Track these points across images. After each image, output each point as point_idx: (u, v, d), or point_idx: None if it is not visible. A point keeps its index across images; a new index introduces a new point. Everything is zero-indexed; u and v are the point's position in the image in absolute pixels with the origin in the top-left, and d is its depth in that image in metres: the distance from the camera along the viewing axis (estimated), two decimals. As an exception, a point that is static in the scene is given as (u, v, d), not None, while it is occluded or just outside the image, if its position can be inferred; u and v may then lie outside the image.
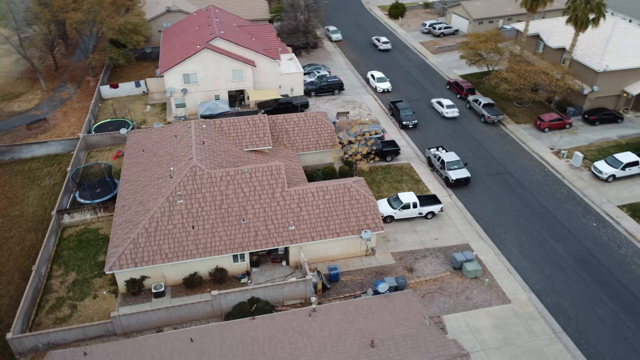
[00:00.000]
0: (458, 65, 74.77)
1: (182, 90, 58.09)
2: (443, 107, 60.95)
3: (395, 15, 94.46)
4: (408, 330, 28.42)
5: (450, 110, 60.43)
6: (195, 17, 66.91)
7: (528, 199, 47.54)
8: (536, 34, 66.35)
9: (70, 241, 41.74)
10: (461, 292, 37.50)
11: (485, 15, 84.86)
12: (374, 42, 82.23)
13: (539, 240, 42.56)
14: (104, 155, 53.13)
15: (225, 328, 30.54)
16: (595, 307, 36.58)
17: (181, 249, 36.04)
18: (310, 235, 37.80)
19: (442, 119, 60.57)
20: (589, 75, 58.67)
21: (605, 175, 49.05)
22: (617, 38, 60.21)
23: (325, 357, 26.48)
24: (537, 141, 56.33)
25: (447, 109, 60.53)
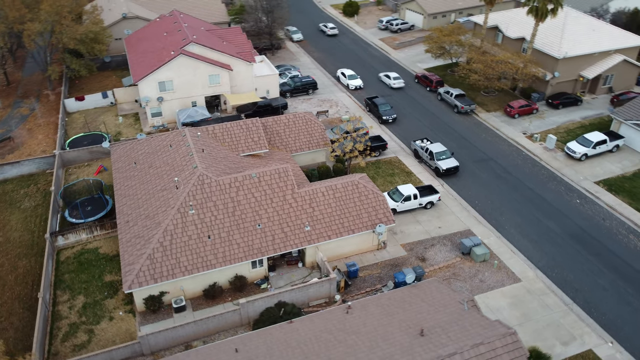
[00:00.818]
0: (421, 59, 77.11)
1: (158, 98, 56.29)
2: (390, 79, 68.37)
3: (350, 13, 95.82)
4: (450, 316, 29.37)
5: (397, 81, 68.05)
6: (159, 23, 64.91)
7: (513, 182, 50.05)
8: (495, 25, 69.69)
9: (69, 264, 39.57)
10: (474, 275, 39.06)
11: (439, 10, 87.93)
12: (321, 28, 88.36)
13: (532, 220, 44.99)
14: (83, 171, 50.59)
15: (266, 334, 30.22)
16: (595, 277, 39.24)
17: (200, 260, 35.17)
18: (327, 234, 38.02)
19: (420, 114, 62.33)
20: (550, 62, 62.43)
21: (578, 154, 52.49)
22: (570, 27, 64.43)
23: (380, 351, 26.89)
24: (509, 127, 59.30)
25: (394, 80, 68.13)
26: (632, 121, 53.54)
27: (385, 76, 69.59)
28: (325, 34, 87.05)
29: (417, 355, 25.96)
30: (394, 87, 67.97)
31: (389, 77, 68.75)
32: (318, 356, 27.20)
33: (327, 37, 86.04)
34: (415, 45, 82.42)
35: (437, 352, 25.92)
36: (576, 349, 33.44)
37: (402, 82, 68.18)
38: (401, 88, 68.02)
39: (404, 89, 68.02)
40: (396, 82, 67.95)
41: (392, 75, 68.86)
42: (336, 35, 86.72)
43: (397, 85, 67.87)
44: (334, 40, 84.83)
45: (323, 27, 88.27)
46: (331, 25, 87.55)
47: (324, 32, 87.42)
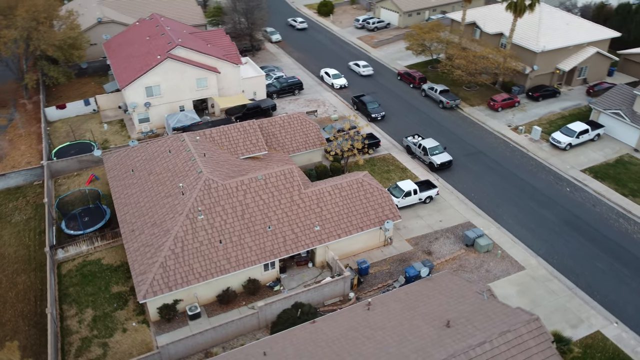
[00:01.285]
0: (401, 57, 78.19)
1: (146, 104, 55.18)
2: (360, 67, 71.82)
3: (325, 13, 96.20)
4: (471, 307, 30.08)
5: (366, 69, 71.51)
6: (139, 27, 63.58)
7: (505, 173, 51.47)
8: (472, 22, 71.36)
9: (72, 277, 38.41)
10: (480, 266, 40.03)
11: (414, 8, 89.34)
12: (290, 23, 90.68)
13: (528, 210, 46.40)
14: (73, 181, 49.12)
15: (291, 336, 30.23)
16: (593, 261, 40.84)
17: (213, 266, 34.79)
18: (337, 233, 38.22)
19: (407, 110, 63.21)
20: (529, 56, 64.42)
21: (563, 144, 54.41)
22: (545, 21, 66.63)
23: (410, 344, 27.29)
24: (494, 120, 60.90)
25: (363, 68, 71.63)
26: (611, 110, 55.83)
27: (354, 64, 73.01)
28: (295, 28, 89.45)
29: (448, 346, 26.50)
30: (363, 74, 71.45)
31: (359, 66, 72.17)
32: (349, 354, 27.40)
33: (306, 37, 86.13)
34: (394, 43, 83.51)
35: (467, 342, 26.53)
36: (585, 331, 34.77)
37: (370, 70, 71.58)
38: (370, 75, 71.52)
39: (385, 85, 68.85)
40: (365, 70, 71.34)
41: (361, 63, 72.33)
42: (306, 29, 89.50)
43: (366, 73, 71.32)
44: (313, 40, 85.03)
45: (292, 22, 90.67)
46: (300, 20, 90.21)
47: (294, 26, 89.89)
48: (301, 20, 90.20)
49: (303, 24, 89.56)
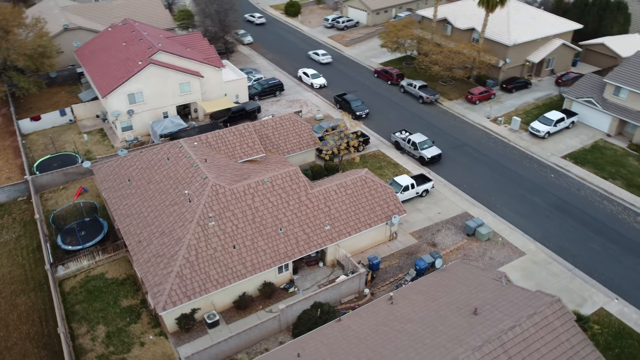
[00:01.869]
0: (374, 55, 79.27)
1: (129, 111, 53.67)
2: (319, 56, 75.86)
3: (292, 13, 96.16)
4: (492, 293, 31.06)
5: (325, 57, 75.59)
6: (113, 33, 61.69)
7: (491, 163, 53.23)
8: (443, 18, 73.22)
9: (77, 294, 37.03)
10: (483, 254, 41.33)
11: (382, 6, 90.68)
12: (248, 18, 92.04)
13: (518, 197, 48.20)
14: (61, 195, 47.24)
15: (320, 335, 30.33)
16: (587, 242, 42.93)
17: (229, 271, 34.38)
18: (347, 231, 38.54)
19: (388, 107, 64.16)
20: (501, 50, 66.74)
21: (542, 133, 56.77)
22: (513, 16, 69.22)
23: (443, 334, 27.93)
24: (473, 113, 62.79)
25: (322, 56, 75.68)
26: (583, 99, 58.69)
27: (314, 53, 76.88)
28: (254, 23, 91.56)
29: (481, 333, 27.30)
30: (322, 62, 75.61)
31: (318, 54, 76.20)
32: (386, 348, 27.78)
33: (277, 38, 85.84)
34: (365, 41, 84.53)
35: (498, 327, 27.41)
36: (590, 309, 36.56)
37: (329, 58, 75.89)
38: (329, 63, 75.88)
39: (363, 82, 69.71)
40: (324, 58, 75.62)
41: (320, 52, 76.46)
42: (264, 24, 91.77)
43: (325, 61, 75.56)
44: (284, 41, 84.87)
45: (250, 18, 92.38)
46: (258, 15, 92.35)
47: (252, 22, 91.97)
48: (259, 16, 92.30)
49: (261, 19, 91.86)
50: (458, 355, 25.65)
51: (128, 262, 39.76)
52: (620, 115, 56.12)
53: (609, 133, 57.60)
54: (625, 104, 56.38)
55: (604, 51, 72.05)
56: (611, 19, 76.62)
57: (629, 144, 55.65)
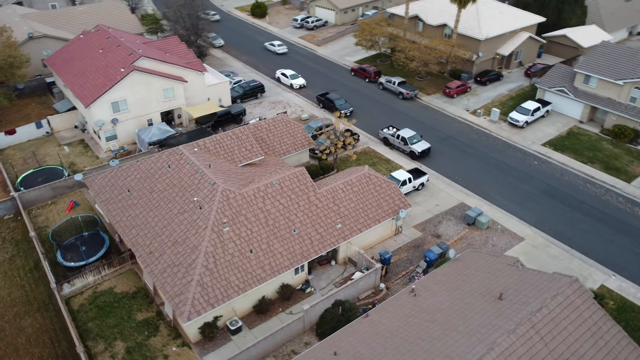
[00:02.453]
0: (347, 53, 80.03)
1: (113, 120, 52.05)
2: (275, 47, 79.54)
3: (259, 14, 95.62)
4: (511, 278, 32.26)
5: (281, 47, 79.38)
6: (86, 40, 59.54)
7: (478, 154, 54.99)
8: (415, 15, 74.81)
9: (87, 311, 35.74)
10: (485, 242, 42.75)
11: (349, 5, 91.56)
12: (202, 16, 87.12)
13: (509, 185, 50.06)
14: (51, 211, 45.35)
15: (350, 332, 30.64)
16: (578, 224, 45.15)
17: (249, 276, 34.12)
18: (357, 228, 38.97)
19: (370, 104, 64.97)
20: (473, 44, 68.92)
21: (521, 122, 59.13)
22: (482, 11, 71.58)
23: (475, 321, 28.80)
24: (453, 106, 64.59)
25: (278, 47, 79.43)
26: (556, 88, 61.53)
27: (270, 45, 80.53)
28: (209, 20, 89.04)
29: (511, 316, 28.35)
30: (278, 52, 79.12)
31: (274, 45, 79.86)
32: (422, 339, 28.39)
33: (248, 40, 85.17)
34: (336, 40, 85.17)
35: (526, 310, 28.56)
36: (592, 286, 38.52)
37: (285, 48, 79.54)
38: (285, 53, 79.36)
39: (340, 80, 70.37)
40: (280, 49, 79.26)
41: (275, 43, 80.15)
42: (219, 21, 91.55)
43: (281, 51, 79.12)
44: (256, 43, 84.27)
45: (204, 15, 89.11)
46: (212, 12, 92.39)
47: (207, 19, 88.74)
48: (214, 13, 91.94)
49: (216, 16, 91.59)
50: (495, 339, 26.58)
51: (136, 274, 38.71)
52: (591, 103, 59.17)
53: (582, 120, 60.64)
54: (595, 91, 59.50)
55: (566, 42, 75.61)
56: (569, 11, 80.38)
57: (601, 129, 58.79)
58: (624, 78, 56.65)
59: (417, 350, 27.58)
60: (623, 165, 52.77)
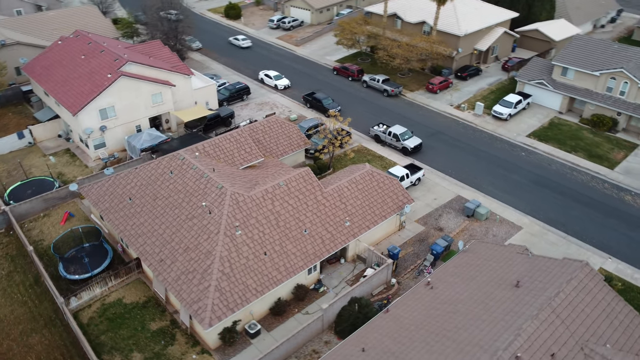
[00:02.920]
0: (326, 52, 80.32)
1: (101, 127, 50.71)
2: (239, 41, 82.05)
3: (234, 16, 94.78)
4: (523, 266, 33.24)
5: (245, 42, 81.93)
6: (65, 46, 57.68)
7: (467, 148, 56.26)
8: (393, 13, 75.78)
9: (97, 324, 34.81)
10: (486, 232, 43.86)
11: (325, 4, 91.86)
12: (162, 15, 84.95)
13: (500, 176, 51.46)
14: (44, 223, 43.88)
15: (373, 328, 30.97)
16: (569, 210, 46.86)
17: (265, 279, 33.98)
18: (365, 225, 39.32)
19: (355, 102, 65.42)
20: (453, 40, 70.38)
21: (505, 115, 60.83)
22: (459, 8, 73.17)
23: (497, 308, 29.54)
24: (437, 102, 65.82)
25: (242, 41, 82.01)
26: (535, 81, 63.57)
27: (234, 39, 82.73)
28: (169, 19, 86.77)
29: (531, 302, 29.26)
30: (243, 46, 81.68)
31: (238, 40, 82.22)
32: (447, 330, 28.95)
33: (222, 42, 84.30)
34: (315, 39, 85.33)
35: (545, 295, 29.54)
36: (591, 270, 40.09)
37: (249, 42, 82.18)
38: (249, 47, 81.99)
39: (324, 80, 70.66)
40: (244, 43, 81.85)
41: (239, 37, 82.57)
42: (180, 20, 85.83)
43: (245, 45, 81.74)
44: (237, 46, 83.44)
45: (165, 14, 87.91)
46: (174, 12, 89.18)
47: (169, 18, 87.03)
48: (175, 12, 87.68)
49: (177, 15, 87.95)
50: (520, 325, 27.41)
51: (143, 283, 37.92)
52: (569, 94, 61.42)
53: (561, 110, 62.85)
54: (572, 82, 61.79)
55: (538, 36, 78.14)
56: (539, 6, 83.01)
57: (580, 118, 61.10)
58: (600, 69, 59.05)
59: (445, 341, 28.14)
60: (604, 153, 55.04)
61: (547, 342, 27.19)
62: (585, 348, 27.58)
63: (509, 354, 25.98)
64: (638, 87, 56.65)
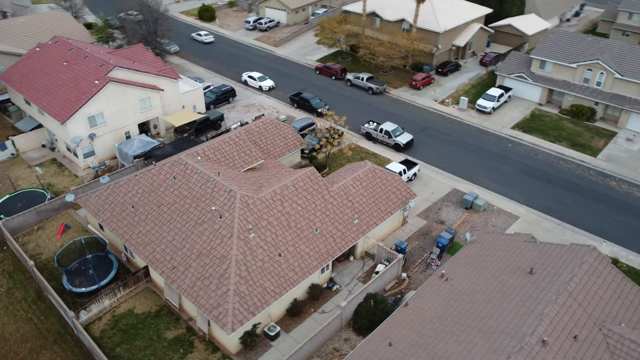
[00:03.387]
0: (306, 52, 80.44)
1: (90, 135, 49.34)
2: (202, 36, 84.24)
3: (208, 18, 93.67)
4: (532, 253, 34.24)
5: (207, 37, 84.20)
6: (44, 53, 55.75)
7: (456, 142, 57.45)
8: (372, 11, 76.53)
9: (110, 337, 33.92)
10: (485, 223, 44.95)
11: (300, 4, 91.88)
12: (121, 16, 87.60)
13: (492, 168, 52.78)
14: (40, 237, 42.39)
15: (395, 323, 31.33)
16: (560, 198, 48.51)
17: (282, 280, 33.88)
18: (373, 222, 39.69)
19: (341, 101, 65.80)
20: (433, 37, 71.65)
21: (489, 109, 62.40)
22: (436, 5, 74.56)
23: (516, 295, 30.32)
24: (421, 98, 66.90)
25: (204, 36, 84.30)
26: (515, 74, 65.46)
27: (197, 35, 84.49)
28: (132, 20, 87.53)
29: (548, 288, 30.22)
30: (205, 42, 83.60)
31: (200, 35, 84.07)
32: (471, 319, 29.55)
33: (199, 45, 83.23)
34: (293, 40, 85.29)
35: (560, 280, 30.56)
36: (589, 254, 41.64)
37: (211, 37, 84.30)
38: (212, 42, 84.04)
39: (307, 80, 70.80)
40: (207, 38, 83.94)
41: (202, 33, 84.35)
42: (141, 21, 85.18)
43: (208, 40, 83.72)
44: (212, 47, 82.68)
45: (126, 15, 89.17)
46: (135, 13, 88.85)
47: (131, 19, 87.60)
48: (135, 14, 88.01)
49: (138, 16, 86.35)
50: (542, 310, 28.30)
51: (153, 292, 37.17)
52: (548, 86, 63.53)
53: (541, 102, 64.93)
54: (550, 75, 63.95)
55: (512, 31, 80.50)
56: (510, 2, 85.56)
57: (560, 109, 63.29)
58: (577, 61, 61.31)
59: (470, 331, 28.78)
60: (586, 142, 57.22)
61: (568, 325, 28.15)
62: (602, 328, 28.71)
63: (535, 338, 26.79)
64: (614, 77, 59.15)
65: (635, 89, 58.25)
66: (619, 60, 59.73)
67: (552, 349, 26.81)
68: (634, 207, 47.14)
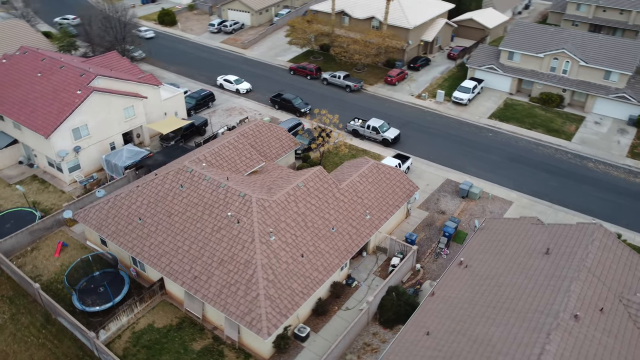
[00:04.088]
0: (276, 53, 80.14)
1: (75, 148, 47.18)
2: (142, 32, 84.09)
3: (169, 22, 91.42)
4: (543, 235, 35.83)
5: (148, 32, 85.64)
6: (13, 65, 52.70)
7: (440, 134, 59.05)
8: (341, 10, 77.19)
9: (135, 354, 32.72)
10: (483, 210, 46.55)
11: (263, 6, 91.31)
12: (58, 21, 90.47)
13: (479, 157, 54.63)
14: (35, 257, 40.21)
15: (427, 312, 31.95)
16: (546, 181, 50.92)
17: (308, 281, 33.81)
18: (384, 216, 40.24)
19: (321, 100, 66.06)
20: (403, 34, 73.19)
21: (465, 100, 64.51)
22: (404, 2, 76.16)
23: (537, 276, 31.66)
24: (398, 93, 68.25)
25: (145, 32, 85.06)
26: (485, 66, 67.98)
27: (138, 31, 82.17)
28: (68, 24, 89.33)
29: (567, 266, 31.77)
30: (147, 37, 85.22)
31: (141, 31, 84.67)
32: (501, 302, 30.61)
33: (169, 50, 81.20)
34: (260, 41, 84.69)
35: (576, 257, 32.18)
36: (583, 232, 43.98)
37: (152, 33, 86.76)
38: (152, 37, 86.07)
39: (283, 81, 70.65)
40: (147, 34, 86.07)
41: (142, 29, 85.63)
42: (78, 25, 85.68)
43: (149, 36, 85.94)
44: (178, 52, 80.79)
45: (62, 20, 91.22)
46: (72, 17, 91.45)
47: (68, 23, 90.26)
48: (73, 17, 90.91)
49: (76, 20, 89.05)
50: (568, 286, 29.77)
51: (170, 305, 36.12)
52: (517, 76, 66.43)
53: (511, 92, 67.77)
54: (519, 65, 66.89)
55: (473, 25, 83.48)
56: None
57: (530, 98, 66.30)
58: (543, 51, 64.45)
59: (505, 312, 29.84)
60: (559, 127, 60.30)
61: (592, 299, 29.75)
62: (622, 299, 30.54)
63: (568, 314, 28.16)
64: (579, 65, 62.61)
65: (599, 75, 61.93)
66: (582, 49, 63.28)
67: (584, 322, 28.26)
68: (615, 185, 50.18)
